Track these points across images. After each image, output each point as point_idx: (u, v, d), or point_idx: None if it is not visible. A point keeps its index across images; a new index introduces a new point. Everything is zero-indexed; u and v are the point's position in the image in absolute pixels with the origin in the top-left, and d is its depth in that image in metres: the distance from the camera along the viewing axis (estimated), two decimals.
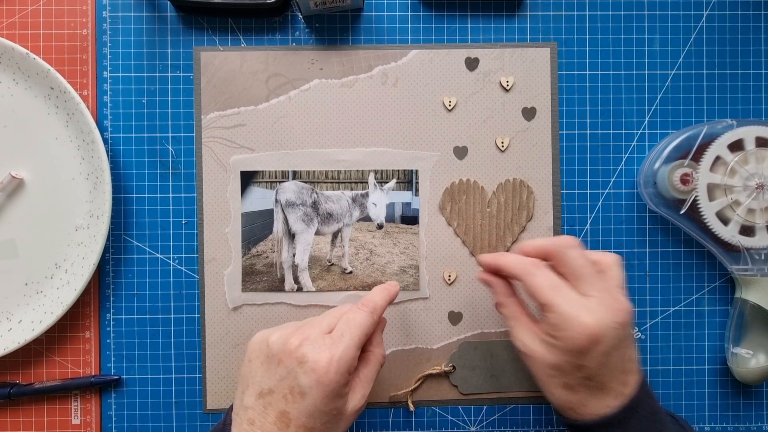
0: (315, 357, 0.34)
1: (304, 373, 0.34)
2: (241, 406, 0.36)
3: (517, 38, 0.47)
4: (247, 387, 0.36)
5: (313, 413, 0.34)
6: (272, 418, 0.34)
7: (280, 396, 0.34)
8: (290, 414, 0.34)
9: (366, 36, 0.47)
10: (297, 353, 0.35)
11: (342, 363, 0.34)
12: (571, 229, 0.47)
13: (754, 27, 0.47)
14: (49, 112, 0.45)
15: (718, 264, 0.47)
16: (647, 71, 0.47)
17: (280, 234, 0.47)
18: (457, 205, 0.47)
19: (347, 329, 0.36)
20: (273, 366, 0.35)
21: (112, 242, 0.47)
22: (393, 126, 0.47)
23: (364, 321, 0.37)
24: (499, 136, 0.47)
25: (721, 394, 0.47)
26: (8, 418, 0.46)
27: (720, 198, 0.43)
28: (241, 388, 0.37)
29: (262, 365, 0.36)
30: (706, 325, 0.47)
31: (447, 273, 0.47)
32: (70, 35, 0.46)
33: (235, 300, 0.46)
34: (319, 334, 0.36)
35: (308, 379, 0.34)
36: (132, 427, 0.46)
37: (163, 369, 0.47)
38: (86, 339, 0.46)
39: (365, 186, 0.47)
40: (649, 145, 0.47)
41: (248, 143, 0.46)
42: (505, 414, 0.47)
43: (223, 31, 0.47)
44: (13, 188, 0.45)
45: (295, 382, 0.34)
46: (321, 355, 0.34)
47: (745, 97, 0.47)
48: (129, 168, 0.47)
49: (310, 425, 0.34)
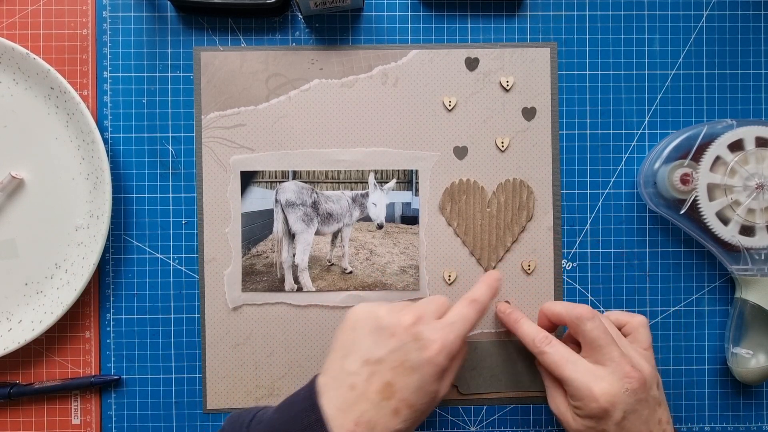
0: (430, 336, 0.35)
1: (417, 350, 0.35)
2: (342, 371, 0.35)
3: (517, 38, 0.47)
4: (349, 353, 0.36)
5: (418, 390, 0.35)
6: (376, 387, 0.34)
7: (389, 367, 0.35)
8: (395, 386, 0.34)
9: (366, 36, 0.47)
10: (412, 330, 0.35)
11: (452, 348, 0.36)
12: (571, 229, 0.47)
13: (754, 27, 0.47)
14: (49, 112, 0.45)
15: (718, 264, 0.47)
16: (647, 71, 0.47)
17: (280, 234, 0.47)
18: (457, 205, 0.47)
19: (459, 320, 0.37)
20: (384, 337, 0.35)
21: (112, 242, 0.47)
22: (393, 126, 0.47)
23: (473, 318, 0.38)
24: (499, 136, 0.47)
25: (721, 394, 0.47)
26: (8, 418, 0.46)
27: (720, 198, 0.43)
28: (341, 353, 0.36)
29: (371, 334, 0.36)
30: (706, 325, 0.47)
31: (447, 273, 0.47)
32: (70, 35, 0.46)
33: (235, 300, 0.46)
34: (431, 317, 0.37)
35: (420, 356, 0.35)
36: (132, 427, 0.46)
37: (163, 369, 0.47)
38: (86, 339, 0.46)
39: (365, 186, 0.47)
40: (649, 145, 0.47)
41: (248, 143, 0.46)
42: (505, 414, 0.47)
43: (223, 31, 0.47)
44: (13, 188, 0.45)
45: (407, 357, 0.35)
46: (435, 335, 0.35)
47: (745, 97, 0.47)
48: (129, 168, 0.47)
49: (411, 401, 0.34)
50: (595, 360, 0.38)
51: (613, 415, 0.36)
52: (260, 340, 0.46)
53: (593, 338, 0.38)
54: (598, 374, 0.37)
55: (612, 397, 0.36)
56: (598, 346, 0.38)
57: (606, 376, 0.37)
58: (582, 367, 0.38)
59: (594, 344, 0.38)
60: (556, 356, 0.39)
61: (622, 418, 0.36)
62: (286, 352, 0.47)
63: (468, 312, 0.38)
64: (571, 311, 0.40)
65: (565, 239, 0.47)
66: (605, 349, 0.38)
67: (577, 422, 0.38)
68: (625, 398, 0.36)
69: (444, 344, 0.35)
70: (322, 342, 0.47)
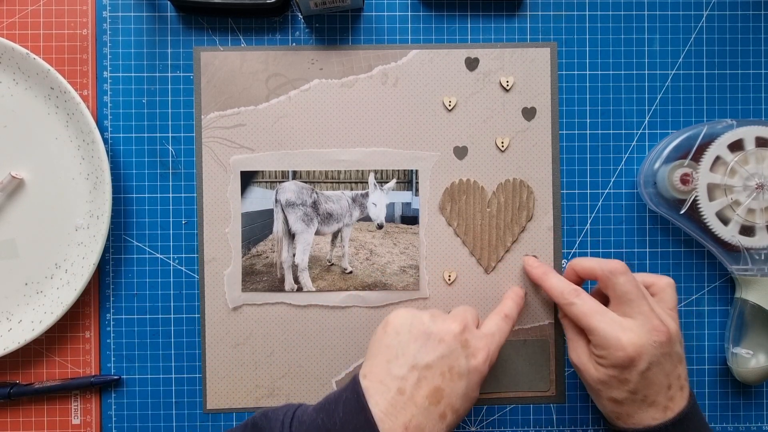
0: (477, 345, 0.37)
1: (466, 357, 0.36)
2: (389, 375, 0.36)
3: (517, 38, 0.47)
4: (396, 357, 0.36)
5: (464, 396, 0.36)
6: (425, 392, 0.35)
7: (438, 372, 0.35)
8: (444, 391, 0.35)
9: (366, 36, 0.47)
10: (461, 337, 0.37)
11: (493, 357, 0.38)
12: (571, 229, 0.47)
13: (754, 27, 0.47)
14: (49, 112, 0.45)
15: (718, 264, 0.47)
16: (647, 71, 0.47)
17: (280, 234, 0.47)
18: (457, 205, 0.47)
19: (497, 331, 0.39)
20: (433, 342, 0.36)
21: (112, 242, 0.47)
22: (393, 126, 0.47)
23: (507, 331, 0.40)
24: (499, 136, 0.47)
25: (721, 394, 0.47)
26: (8, 418, 0.46)
27: (720, 198, 0.43)
28: (386, 357, 0.37)
29: (418, 340, 0.37)
30: (706, 325, 0.47)
31: (447, 273, 0.47)
32: (70, 35, 0.46)
33: (235, 300, 0.46)
34: (474, 327, 0.38)
35: (468, 363, 0.36)
36: (132, 427, 0.46)
37: (163, 369, 0.47)
38: (86, 339, 0.46)
39: (365, 186, 0.47)
40: (649, 145, 0.47)
41: (248, 143, 0.46)
42: (505, 414, 0.47)
43: (223, 31, 0.47)
44: (13, 188, 0.45)
45: (456, 363, 0.36)
46: (481, 344, 0.37)
47: (745, 97, 0.47)
48: (129, 168, 0.47)
49: (457, 406, 0.36)
50: (623, 313, 0.39)
51: (638, 364, 0.37)
52: (260, 340, 0.46)
53: (624, 292, 0.39)
54: (626, 325, 0.38)
55: (639, 347, 0.37)
56: (628, 300, 0.39)
57: (634, 327, 0.38)
58: (610, 318, 0.39)
59: (624, 298, 0.39)
60: (584, 307, 0.39)
61: (646, 368, 0.37)
62: (286, 352, 0.47)
63: (504, 325, 0.40)
64: (604, 266, 0.40)
65: (565, 239, 0.47)
66: (635, 303, 0.39)
67: (600, 371, 0.39)
68: (651, 350, 0.37)
69: (488, 353, 0.37)
70: (322, 342, 0.47)
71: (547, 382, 0.47)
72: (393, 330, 0.38)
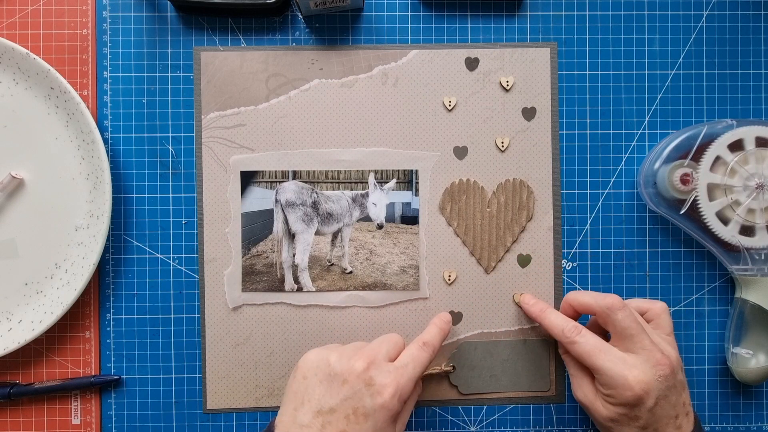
0: (382, 381, 0.36)
1: (371, 396, 0.35)
2: (294, 424, 0.35)
3: (517, 38, 0.47)
4: (302, 404, 0.36)
5: None
6: None
7: (342, 416, 0.35)
8: None
9: (366, 36, 0.47)
10: (364, 375, 0.36)
11: (404, 391, 0.36)
12: (571, 229, 0.47)
13: (754, 27, 0.47)
14: (49, 112, 0.45)
15: (718, 264, 0.47)
16: (647, 71, 0.47)
17: (280, 234, 0.47)
18: (457, 205, 0.47)
19: (411, 362, 0.38)
20: (336, 385, 0.36)
21: (112, 242, 0.47)
22: (393, 126, 0.47)
23: (425, 360, 0.39)
24: (499, 136, 0.47)
25: (721, 394, 0.47)
26: (8, 418, 0.46)
27: (720, 198, 0.43)
28: (293, 405, 0.36)
29: (322, 383, 0.36)
30: (706, 325, 0.47)
31: (447, 273, 0.47)
32: (70, 35, 0.46)
33: (235, 300, 0.46)
34: (383, 360, 0.37)
35: (374, 402, 0.35)
36: (132, 427, 0.46)
37: (163, 369, 0.47)
38: (86, 339, 0.46)
39: (365, 186, 0.47)
40: (649, 145, 0.47)
41: (248, 143, 0.46)
42: (505, 414, 0.47)
43: (223, 31, 0.47)
44: (13, 188, 0.45)
45: (360, 403, 0.35)
46: (387, 380, 0.36)
47: (745, 97, 0.47)
48: (129, 168, 0.47)
49: None
50: (625, 348, 0.39)
51: (647, 401, 0.37)
52: (260, 340, 0.46)
53: (624, 327, 0.39)
54: (630, 362, 0.38)
55: (646, 384, 0.37)
56: (629, 335, 0.39)
57: (638, 364, 0.38)
58: (614, 356, 0.38)
59: (625, 333, 0.39)
60: (587, 346, 0.39)
61: (654, 404, 0.37)
62: (286, 352, 0.47)
63: (420, 354, 0.39)
64: (600, 302, 0.40)
65: (565, 239, 0.47)
66: (636, 338, 0.38)
67: (609, 410, 0.38)
68: (657, 385, 0.37)
69: (397, 388, 0.36)
70: (322, 342, 0.47)
71: (547, 382, 0.47)
72: (301, 375, 0.37)
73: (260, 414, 0.47)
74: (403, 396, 0.36)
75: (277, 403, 0.46)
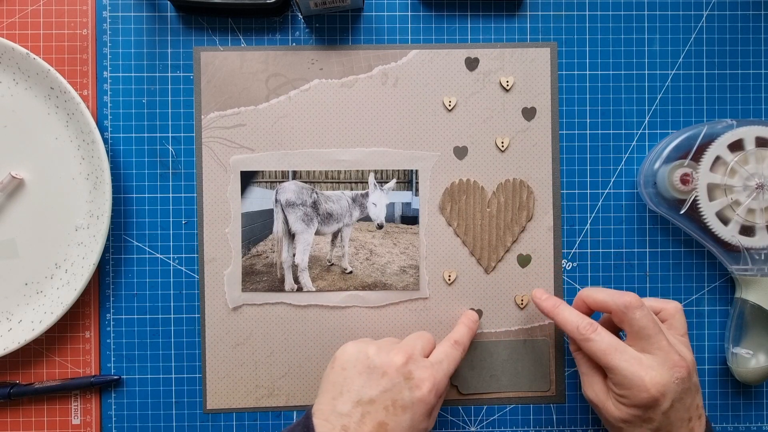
0: (421, 375, 0.37)
1: (410, 389, 0.36)
2: (334, 412, 0.36)
3: (517, 38, 0.47)
4: (341, 394, 0.37)
5: (410, 429, 0.36)
6: (369, 428, 0.35)
7: (381, 407, 0.36)
8: (389, 426, 0.35)
9: (366, 36, 0.47)
10: (404, 369, 0.37)
11: (440, 387, 0.37)
12: (571, 229, 0.47)
13: (754, 27, 0.47)
14: (49, 112, 0.45)
15: (718, 264, 0.47)
16: (647, 71, 0.47)
17: (280, 234, 0.47)
18: (457, 205, 0.47)
19: (446, 358, 0.39)
20: (376, 377, 0.37)
21: (112, 242, 0.47)
22: (393, 126, 0.47)
23: (458, 358, 0.40)
24: (499, 136, 0.47)
25: (721, 394, 0.47)
26: (8, 418, 0.46)
27: (720, 198, 0.44)
28: (331, 394, 0.37)
29: (361, 375, 0.37)
30: (706, 325, 0.47)
31: (447, 273, 0.47)
32: (70, 35, 0.46)
33: (235, 300, 0.46)
34: (420, 356, 0.38)
35: (412, 395, 0.36)
36: (132, 427, 0.46)
37: (163, 369, 0.47)
38: (86, 339, 0.46)
39: (365, 186, 0.47)
40: (649, 145, 0.47)
41: (248, 143, 0.46)
42: (505, 414, 0.47)
43: (223, 31, 0.47)
44: (13, 188, 0.45)
45: (399, 396, 0.36)
46: (425, 374, 0.37)
47: (745, 97, 0.47)
48: (129, 168, 0.47)
49: None
50: (641, 348, 0.38)
51: (662, 404, 0.36)
52: (260, 340, 0.46)
53: (642, 327, 0.38)
54: (646, 363, 0.37)
55: (662, 387, 0.36)
56: (646, 335, 0.37)
57: (655, 365, 0.37)
58: (630, 356, 0.37)
59: (642, 333, 0.38)
60: (602, 344, 0.38)
61: (669, 407, 0.36)
62: (286, 352, 0.47)
63: (453, 352, 0.40)
64: (617, 300, 0.38)
65: (565, 239, 0.47)
66: (653, 338, 0.37)
67: (621, 410, 0.38)
68: (674, 387, 0.36)
69: (434, 383, 0.37)
70: (322, 342, 0.47)
71: (547, 382, 0.47)
72: (339, 366, 0.38)
73: (260, 414, 0.47)
74: (439, 391, 0.37)
75: (277, 403, 0.47)
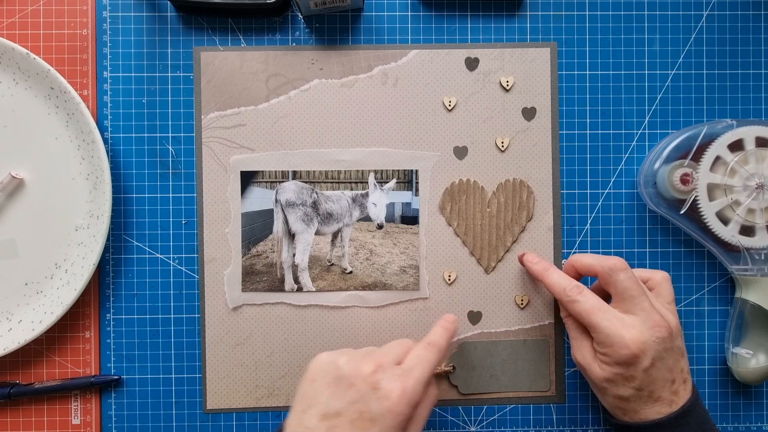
0: (389, 386, 0.35)
1: (377, 400, 0.34)
2: (301, 426, 0.35)
3: (517, 38, 0.47)
4: (309, 407, 0.35)
5: None
6: None
7: (348, 420, 0.34)
8: None
9: (366, 36, 0.47)
10: (371, 379, 0.35)
11: (413, 395, 0.35)
12: (571, 229, 0.47)
13: (754, 27, 0.47)
14: (49, 112, 0.45)
15: (718, 264, 0.47)
16: (647, 71, 0.47)
17: (280, 234, 0.47)
18: (457, 205, 0.47)
19: (418, 364, 0.37)
20: (343, 388, 0.35)
21: (112, 242, 0.47)
22: (393, 126, 0.47)
23: (433, 360, 0.38)
24: (499, 136, 0.47)
25: (721, 394, 0.47)
26: (8, 418, 0.46)
27: (720, 198, 0.43)
28: (301, 407, 0.36)
29: (329, 386, 0.35)
30: (706, 325, 0.47)
31: (447, 273, 0.47)
32: (70, 35, 0.46)
33: (235, 300, 0.46)
34: (391, 364, 0.36)
35: (380, 406, 0.34)
36: (132, 427, 0.46)
37: (163, 369, 0.47)
38: (86, 339, 0.46)
39: (365, 186, 0.47)
40: (649, 145, 0.47)
41: (248, 143, 0.46)
42: (505, 414, 0.47)
43: (223, 31, 0.47)
44: (13, 188, 0.45)
45: (366, 408, 0.34)
46: (394, 384, 0.35)
47: (745, 97, 0.47)
48: (129, 168, 0.47)
49: None
50: (624, 309, 0.39)
51: (642, 361, 0.37)
52: (260, 340, 0.46)
53: (625, 288, 0.39)
54: (628, 322, 0.38)
55: (642, 344, 0.37)
56: (629, 296, 0.39)
57: (637, 324, 0.38)
58: (612, 316, 0.39)
59: (625, 294, 0.39)
60: (587, 305, 0.39)
61: (650, 365, 0.38)
62: (286, 352, 0.47)
63: (426, 354, 0.37)
64: (603, 263, 0.40)
65: (565, 239, 0.47)
66: (636, 299, 0.39)
67: (605, 370, 0.39)
68: (654, 346, 0.38)
69: (404, 392, 0.34)
70: (322, 342, 0.47)
71: (547, 382, 0.47)
72: (310, 377, 0.37)
73: (260, 414, 0.47)
74: (412, 400, 0.35)
75: (277, 403, 0.47)
